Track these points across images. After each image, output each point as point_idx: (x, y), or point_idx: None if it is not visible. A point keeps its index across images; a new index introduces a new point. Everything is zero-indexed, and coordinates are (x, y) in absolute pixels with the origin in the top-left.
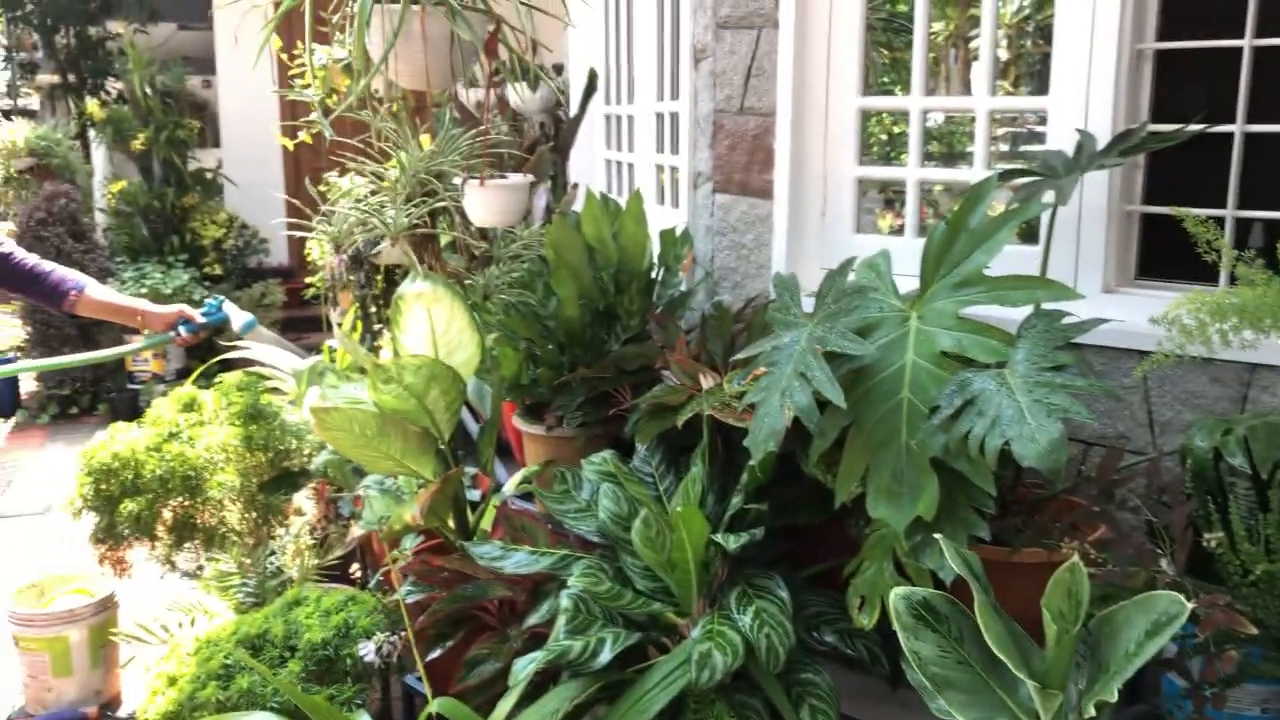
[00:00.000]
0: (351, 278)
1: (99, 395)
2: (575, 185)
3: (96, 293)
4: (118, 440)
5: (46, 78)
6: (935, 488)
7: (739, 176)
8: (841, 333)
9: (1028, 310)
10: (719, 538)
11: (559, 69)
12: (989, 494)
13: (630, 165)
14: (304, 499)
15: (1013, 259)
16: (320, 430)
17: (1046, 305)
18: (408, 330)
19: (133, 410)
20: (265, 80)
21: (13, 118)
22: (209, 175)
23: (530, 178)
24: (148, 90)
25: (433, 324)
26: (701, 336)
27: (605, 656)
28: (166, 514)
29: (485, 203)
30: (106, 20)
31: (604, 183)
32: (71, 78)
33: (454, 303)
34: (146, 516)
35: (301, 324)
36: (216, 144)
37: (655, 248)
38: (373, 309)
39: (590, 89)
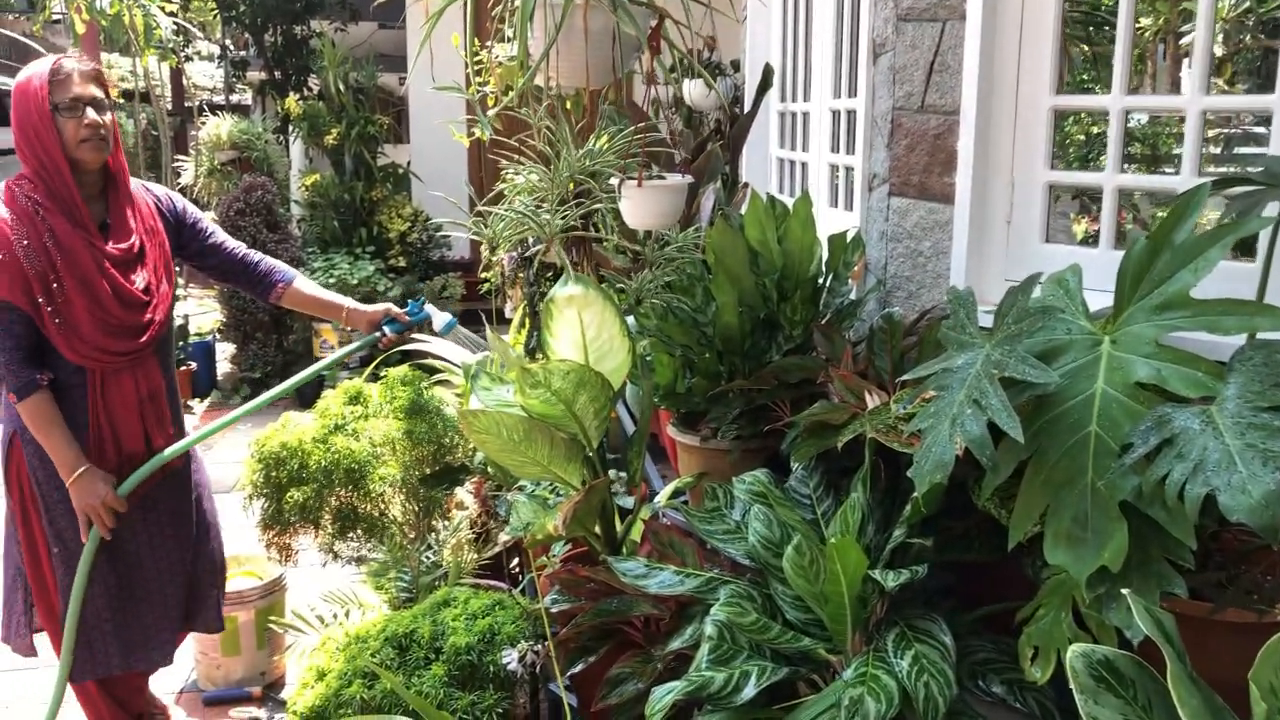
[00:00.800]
0: (520, 275)
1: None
2: (745, 185)
3: (303, 286)
4: (287, 430)
5: (256, 74)
6: (1124, 535)
7: (917, 179)
8: (1022, 357)
9: (1241, 339)
10: (877, 574)
11: (736, 65)
12: (1188, 547)
13: (803, 165)
14: (466, 493)
15: (1225, 278)
16: (468, 432)
17: (1265, 334)
18: (558, 334)
19: (319, 395)
20: (452, 77)
21: (225, 113)
22: (398, 170)
23: (689, 178)
24: (341, 87)
25: (583, 328)
26: (869, 351)
27: (749, 692)
28: (331, 503)
29: (642, 204)
30: (310, 19)
31: (775, 182)
32: (277, 74)
33: (605, 307)
34: (312, 505)
35: (479, 317)
36: (408, 140)
37: (824, 253)
38: (539, 307)
39: (765, 85)
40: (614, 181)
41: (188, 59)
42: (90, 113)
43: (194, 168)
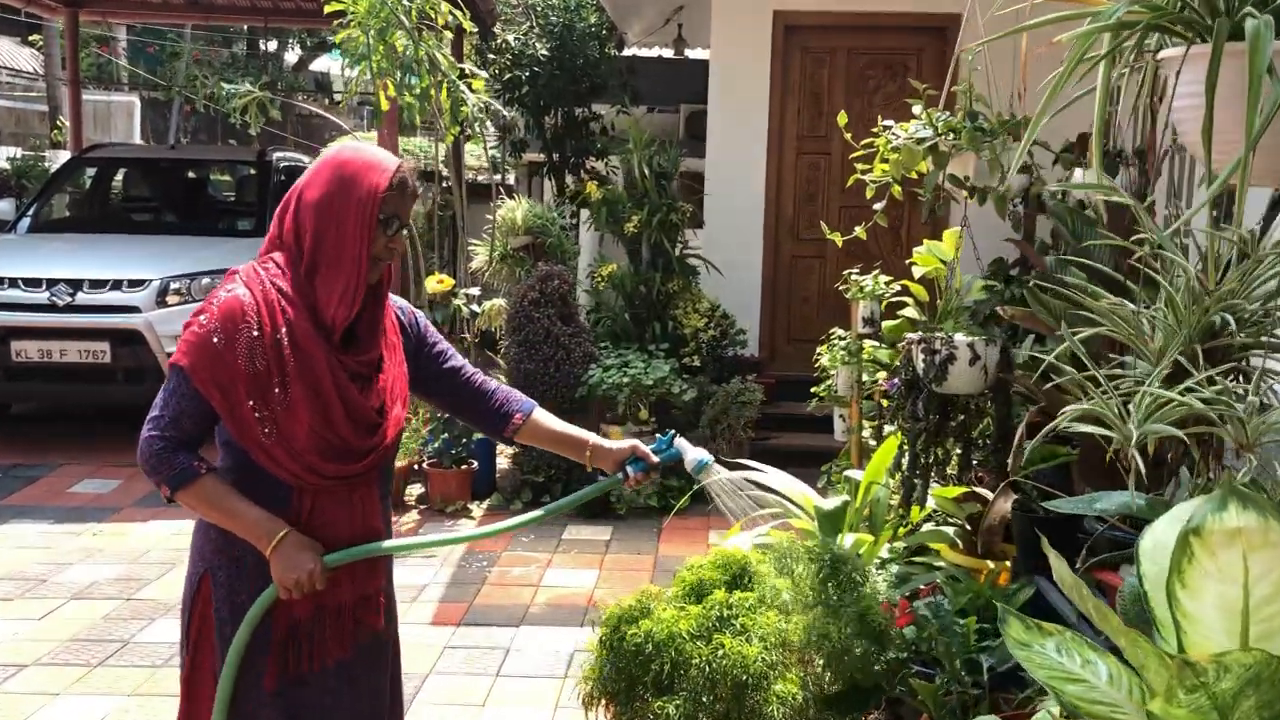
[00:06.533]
0: (904, 404)
1: (569, 487)
2: None
3: (543, 418)
4: (647, 609)
5: (531, 156)
6: None
7: None
8: None
9: None
10: None
11: (1138, 154)
12: None
13: None
14: None
15: None
16: None
17: None
18: (1197, 588)
19: (604, 505)
20: (750, 163)
21: (520, 195)
22: (687, 259)
23: None
24: (645, 171)
25: (1247, 584)
26: None
27: None
28: None
29: None
30: (593, 102)
31: None
32: (555, 156)
33: None
34: None
35: (768, 423)
36: (693, 226)
37: None
38: (920, 452)
39: None
40: None
41: (468, 139)
42: (402, 234)
43: (487, 252)
